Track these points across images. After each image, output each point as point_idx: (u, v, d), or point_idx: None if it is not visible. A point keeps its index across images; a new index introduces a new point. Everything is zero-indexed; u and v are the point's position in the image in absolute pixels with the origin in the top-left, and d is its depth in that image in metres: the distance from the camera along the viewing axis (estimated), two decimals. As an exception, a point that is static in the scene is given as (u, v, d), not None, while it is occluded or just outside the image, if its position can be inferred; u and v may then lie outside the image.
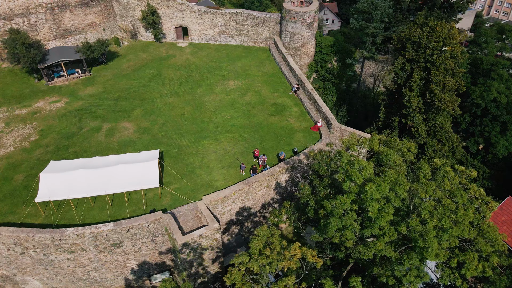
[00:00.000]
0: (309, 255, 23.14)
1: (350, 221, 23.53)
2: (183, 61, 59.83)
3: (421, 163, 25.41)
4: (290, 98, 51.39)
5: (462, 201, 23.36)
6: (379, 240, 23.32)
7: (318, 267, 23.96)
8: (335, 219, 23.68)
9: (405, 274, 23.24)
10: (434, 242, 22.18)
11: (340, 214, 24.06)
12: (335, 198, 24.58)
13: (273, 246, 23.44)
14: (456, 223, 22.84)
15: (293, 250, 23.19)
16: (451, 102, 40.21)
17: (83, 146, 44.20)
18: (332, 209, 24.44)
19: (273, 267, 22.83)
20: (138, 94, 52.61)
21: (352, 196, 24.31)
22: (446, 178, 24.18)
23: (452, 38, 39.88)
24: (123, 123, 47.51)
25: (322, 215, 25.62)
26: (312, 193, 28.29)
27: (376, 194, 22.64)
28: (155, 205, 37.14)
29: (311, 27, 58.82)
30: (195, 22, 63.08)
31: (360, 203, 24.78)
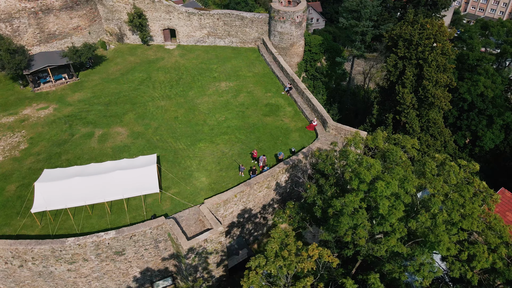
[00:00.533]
0: (325, 255, 23.20)
1: (362, 219, 23.73)
2: (173, 64, 59.18)
3: (425, 159, 25.85)
4: (283, 98, 51.46)
5: (468, 194, 23.92)
6: (391, 237, 23.61)
7: (334, 266, 24.06)
8: (346, 217, 23.82)
9: (418, 269, 23.61)
10: (445, 236, 22.59)
11: (350, 213, 24.23)
12: (344, 197, 24.73)
13: (289, 247, 23.40)
14: (464, 216, 23.34)
15: (311, 251, 23.20)
16: (444, 98, 41.10)
17: (76, 153, 43.18)
18: (341, 208, 24.58)
19: (292, 269, 22.80)
20: (129, 98, 51.73)
21: (361, 194, 24.51)
22: (452, 172, 24.69)
23: (442, 35, 40.77)
24: (115, 128, 46.64)
25: (331, 214, 25.73)
26: (319, 193, 28.38)
27: (386, 191, 22.90)
28: (155, 211, 36.59)
29: (300, 26, 59.07)
30: (183, 24, 62.47)
31: (368, 201, 25.01)
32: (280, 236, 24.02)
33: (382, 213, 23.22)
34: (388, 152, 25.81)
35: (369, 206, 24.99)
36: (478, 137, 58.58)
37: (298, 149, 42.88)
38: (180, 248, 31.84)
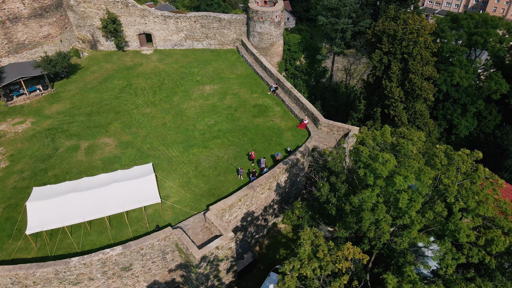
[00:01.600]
0: (356, 253, 23.43)
1: (382, 213, 24.18)
2: (152, 69, 57.70)
3: (434, 150, 26.74)
4: (270, 98, 51.50)
5: (479, 181, 25.01)
6: (412, 229, 24.24)
7: (365, 262, 24.34)
8: (368, 213, 24.18)
9: (442, 258, 24.35)
10: (463, 223, 23.49)
11: (369, 208, 24.63)
12: (360, 193, 25.09)
13: (320, 248, 23.39)
14: (479, 203, 24.38)
15: (346, 250, 23.32)
16: (430, 90, 42.73)
17: (63, 168, 41.18)
18: (360, 204, 24.93)
19: (328, 269, 22.82)
20: (112, 107, 49.95)
21: (377, 189, 24.97)
22: (461, 161, 25.69)
23: (424, 29, 42.33)
24: (102, 139, 44.89)
25: (349, 210, 26.02)
26: (331, 191, 28.61)
27: (404, 185, 23.47)
28: (157, 221, 35.56)
29: (279, 26, 59.35)
30: (159, 28, 61.05)
31: (385, 195, 25.52)
32: (310, 238, 24.01)
33: (401, 207, 23.77)
34: (399, 146, 26.47)
35: (386, 200, 25.50)
36: (454, 125, 61.29)
37: (293, 148, 43.07)
38: (191, 257, 31.11)
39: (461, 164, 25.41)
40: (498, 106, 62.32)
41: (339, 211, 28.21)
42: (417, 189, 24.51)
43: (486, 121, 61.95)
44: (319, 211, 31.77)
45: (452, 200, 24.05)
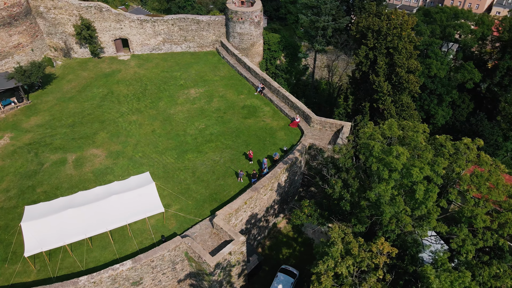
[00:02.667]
0: (386, 247, 23.73)
1: (402, 205, 24.71)
2: (132, 75, 56.01)
3: (440, 141, 27.62)
4: (257, 98, 51.35)
5: (487, 168, 26.12)
6: (431, 218, 24.93)
7: (393, 255, 24.68)
8: (387, 206, 24.62)
9: (462, 245, 25.19)
10: (479, 209, 24.46)
11: (387, 201, 25.09)
12: (376, 187, 25.52)
13: (351, 245, 23.50)
14: (490, 189, 25.47)
15: (380, 245, 23.55)
16: (416, 82, 44.19)
17: (52, 183, 39.21)
18: (377, 198, 25.35)
19: (364, 266, 22.96)
20: (95, 117, 48.05)
21: (392, 182, 25.48)
22: (467, 149, 26.72)
23: (406, 24, 43.68)
24: (90, 151, 43.10)
25: (365, 205, 26.38)
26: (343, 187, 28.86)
27: (420, 176, 24.11)
28: (162, 232, 34.59)
29: (259, 26, 59.32)
30: (136, 32, 59.33)
31: (399, 188, 26.08)
32: (339, 235, 24.09)
33: (418, 198, 24.39)
34: (408, 138, 27.14)
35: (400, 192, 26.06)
36: (431, 115, 63.61)
37: (289, 147, 43.18)
38: (203, 265, 30.48)
39: (468, 152, 26.42)
40: (470, 95, 65.31)
41: (354, 207, 28.53)
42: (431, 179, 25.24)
43: (460, 110, 64.77)
44: (329, 208, 32.02)
45: (465, 187, 24.98)
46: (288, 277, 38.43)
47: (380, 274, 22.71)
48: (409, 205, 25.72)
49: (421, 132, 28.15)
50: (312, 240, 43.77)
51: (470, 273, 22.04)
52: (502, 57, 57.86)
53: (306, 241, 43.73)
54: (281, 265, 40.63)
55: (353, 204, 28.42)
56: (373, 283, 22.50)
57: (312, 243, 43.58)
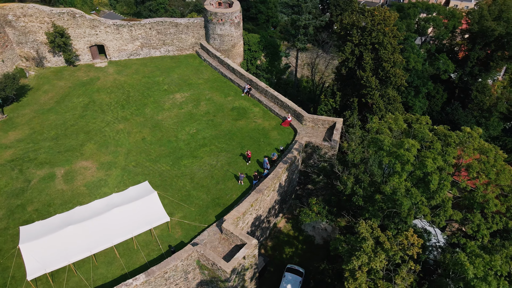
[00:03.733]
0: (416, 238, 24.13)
1: (419, 197, 25.36)
2: (112, 82, 54.12)
3: (444, 131, 28.57)
4: (245, 99, 51.08)
5: (492, 154, 27.31)
6: (447, 207, 25.73)
7: (419, 246, 25.15)
8: (405, 199, 25.18)
9: (477, 230, 26.16)
10: (490, 194, 25.55)
11: (403, 194, 25.68)
12: (390, 181, 26.06)
13: (381, 239, 23.76)
14: (498, 174, 26.63)
15: (411, 237, 23.94)
16: (402, 76, 45.53)
17: (43, 200, 37.25)
18: (393, 191, 25.87)
19: (397, 259, 23.23)
20: (79, 127, 46.08)
21: (404, 175, 26.12)
22: (471, 138, 27.85)
23: (389, 20, 44.90)
24: (79, 163, 41.28)
25: (380, 199, 26.87)
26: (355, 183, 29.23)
27: (434, 167, 24.84)
28: (168, 241, 33.70)
29: (239, 26, 59.01)
30: (112, 38, 57.39)
31: (411, 179, 26.77)
32: (368, 230, 24.30)
33: (432, 188, 25.14)
34: (415, 131, 27.91)
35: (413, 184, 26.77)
36: (410, 106, 65.80)
37: (284, 147, 43.24)
38: (218, 272, 29.97)
39: (472, 140, 27.54)
40: (443, 85, 68.16)
41: (366, 201, 28.95)
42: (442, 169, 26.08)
43: (435, 100, 67.48)
44: (338, 205, 32.36)
45: (474, 174, 26.03)
46: (295, 276, 38.56)
47: (412, 265, 23.24)
48: (425, 196, 26.40)
49: (424, 124, 29.00)
50: (313, 238, 44.15)
51: (499, 256, 23.02)
52: (473, 48, 60.77)
53: (307, 239, 44.03)
54: (286, 265, 40.70)
55: (366, 198, 28.89)
56: (405, 275, 22.99)
57: (313, 240, 43.97)
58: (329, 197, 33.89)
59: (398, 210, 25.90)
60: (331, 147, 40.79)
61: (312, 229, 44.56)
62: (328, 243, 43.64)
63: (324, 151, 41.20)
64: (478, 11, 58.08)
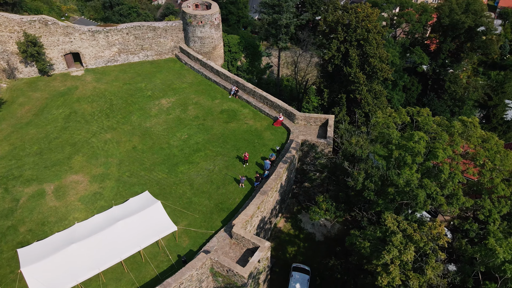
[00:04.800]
0: (438, 228, 24.62)
1: (433, 187, 26.05)
2: (92, 91, 52.02)
3: (445, 122, 29.55)
4: (233, 101, 50.62)
5: (493, 141, 28.53)
6: (459, 195, 26.59)
7: (443, 233, 25.69)
8: (420, 190, 25.80)
9: (489, 215, 27.15)
10: (496, 179, 26.68)
11: (417, 185, 26.32)
12: (402, 173, 26.64)
13: (408, 231, 24.07)
14: (503, 160, 27.83)
15: (439, 227, 24.39)
16: (388, 70, 46.72)
17: (36, 219, 35.29)
18: (407, 183, 26.45)
19: (427, 249, 23.58)
20: (64, 140, 44.00)
21: (415, 166, 26.79)
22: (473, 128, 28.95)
23: (372, 16, 45.95)
24: (69, 177, 39.42)
25: (393, 192, 27.40)
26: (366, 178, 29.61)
27: (445, 156, 25.64)
28: (176, 251, 32.83)
29: (219, 28, 58.45)
30: (88, 45, 55.17)
31: (421, 170, 27.49)
32: (394, 224, 24.60)
33: (444, 177, 25.94)
34: (420, 123, 28.69)
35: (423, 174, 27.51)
36: (388, 100, 67.66)
37: (280, 147, 43.20)
38: (234, 278, 29.51)
39: (474, 129, 28.68)
40: (417, 78, 70.69)
41: (378, 195, 29.39)
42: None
43: (411, 92, 69.87)
44: (347, 200, 32.71)
45: (481, 162, 27.10)
46: (303, 274, 38.70)
47: (441, 254, 23.82)
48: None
49: (425, 115, 29.89)
50: (314, 235, 44.46)
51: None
52: (444, 40, 63.40)
53: (308, 236, 44.29)
54: (290, 264, 40.74)
55: (377, 192, 29.39)
56: (435, 264, 23.56)
57: (314, 238, 44.28)
58: (336, 193, 34.20)
59: (413, 202, 26.55)
60: (327, 144, 41.24)
61: (311, 227, 44.87)
62: (329, 239, 44.27)
63: (320, 148, 41.58)
64: (447, 5, 60.64)
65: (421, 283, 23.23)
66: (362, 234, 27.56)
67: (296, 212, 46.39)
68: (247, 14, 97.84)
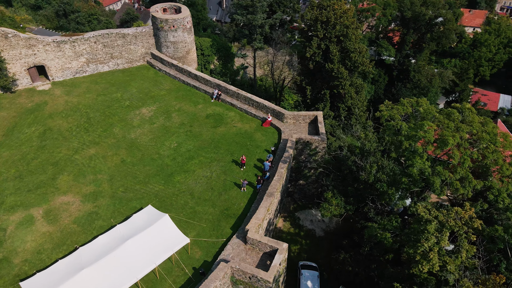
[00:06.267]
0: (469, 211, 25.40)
1: (446, 173, 27.09)
2: (64, 105, 48.91)
3: (445, 110, 30.90)
4: (217, 105, 49.77)
5: (491, 125, 30.20)
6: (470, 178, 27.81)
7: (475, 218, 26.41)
8: (435, 177, 26.74)
9: (498, 194, 28.61)
10: (500, 160, 28.27)
11: (431, 173, 27.29)
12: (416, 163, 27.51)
13: (440, 218, 24.61)
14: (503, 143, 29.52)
15: (469, 210, 25.09)
16: (369, 63, 48.07)
17: (30, 248, 32.83)
18: (421, 172, 27.35)
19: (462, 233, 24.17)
20: (44, 160, 41.07)
21: (425, 155, 27.81)
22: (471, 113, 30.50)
23: (349, 13, 47.06)
24: (58, 199, 36.87)
25: (407, 182, 28.20)
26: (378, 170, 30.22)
27: (454, 143, 26.83)
28: (190, 264, 31.74)
29: (191, 32, 57.24)
30: (53, 57, 51.78)
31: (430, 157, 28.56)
32: (426, 212, 25.12)
33: (454, 163, 27.17)
34: (425, 113, 29.77)
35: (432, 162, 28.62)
36: (358, 93, 69.75)
37: (275, 147, 43.09)
38: (258, 284, 29.00)
39: (472, 115, 30.29)
40: (383, 69, 73.60)
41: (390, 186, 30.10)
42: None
43: (379, 84, 72.60)
44: (356, 194, 33.24)
45: (484, 145, 28.67)
46: (312, 271, 38.92)
47: (473, 237, 24.76)
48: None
49: (425, 105, 31.15)
50: (313, 231, 44.86)
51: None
52: (407, 32, 66.50)
53: (308, 233, 44.61)
54: (296, 263, 40.81)
55: (389, 183, 30.14)
56: (468, 247, 24.49)
57: (314, 234, 44.69)
58: (344, 188, 34.68)
59: (431, 188, 27.55)
60: (322, 140, 41.73)
61: (310, 223, 45.26)
62: (329, 233, 44.95)
63: (314, 145, 41.99)
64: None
65: (456, 266, 24.18)
66: (380, 225, 28.18)
67: (293, 210, 46.56)
68: (206, 16, 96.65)
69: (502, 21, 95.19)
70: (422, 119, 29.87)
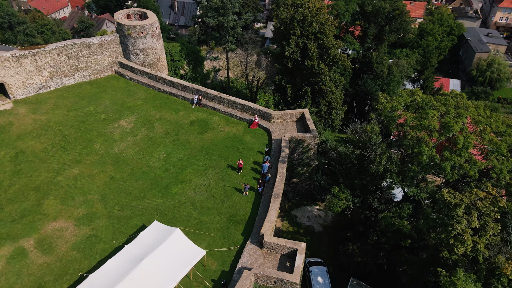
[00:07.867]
0: (492, 191, 26.38)
1: (455, 156, 28.26)
2: (33, 124, 45.23)
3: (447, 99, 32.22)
4: (199, 111, 48.45)
5: (482, 108, 32.00)
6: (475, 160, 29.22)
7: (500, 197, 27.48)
8: (446, 162, 27.85)
9: (500, 172, 30.18)
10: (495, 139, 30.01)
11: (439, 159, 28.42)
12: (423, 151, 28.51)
13: (465, 200, 25.35)
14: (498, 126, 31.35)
15: (492, 190, 25.94)
16: (347, 58, 49.12)
17: (28, 283, 29.99)
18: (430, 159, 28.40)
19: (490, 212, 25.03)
20: (23, 185, 37.79)
21: (431, 143, 28.97)
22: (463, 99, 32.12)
23: (323, 10, 47.83)
24: (48, 226, 34.09)
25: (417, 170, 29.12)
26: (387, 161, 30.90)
27: (457, 128, 28.16)
28: (208, 276, 30.68)
29: (160, 38, 55.35)
30: (13, 73, 47.66)
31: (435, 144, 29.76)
32: (451, 197, 25.81)
33: (459, 147, 28.55)
34: (424, 102, 30.95)
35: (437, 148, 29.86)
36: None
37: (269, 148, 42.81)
38: (285, 286, 28.71)
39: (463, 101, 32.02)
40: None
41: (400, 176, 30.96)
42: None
43: (344, 77, 74.52)
44: (363, 186, 33.85)
45: (481, 128, 30.38)
46: (320, 267, 39.14)
47: (496, 215, 25.95)
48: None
49: (421, 94, 32.47)
50: (312, 227, 45.18)
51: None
52: (369, 26, 69.02)
53: (307, 230, 44.87)
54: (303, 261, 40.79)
55: (398, 173, 31.01)
56: (494, 225, 25.66)
57: (313, 230, 45.03)
58: (351, 181, 35.18)
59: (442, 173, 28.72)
60: (314, 137, 42.10)
61: (307, 220, 45.56)
62: (327, 228, 45.54)
63: (307, 142, 42.29)
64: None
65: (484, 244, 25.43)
66: (396, 213, 28.99)
67: (289, 209, 46.59)
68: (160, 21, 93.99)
69: (443, 11, 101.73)
70: (421, 108, 31.15)
